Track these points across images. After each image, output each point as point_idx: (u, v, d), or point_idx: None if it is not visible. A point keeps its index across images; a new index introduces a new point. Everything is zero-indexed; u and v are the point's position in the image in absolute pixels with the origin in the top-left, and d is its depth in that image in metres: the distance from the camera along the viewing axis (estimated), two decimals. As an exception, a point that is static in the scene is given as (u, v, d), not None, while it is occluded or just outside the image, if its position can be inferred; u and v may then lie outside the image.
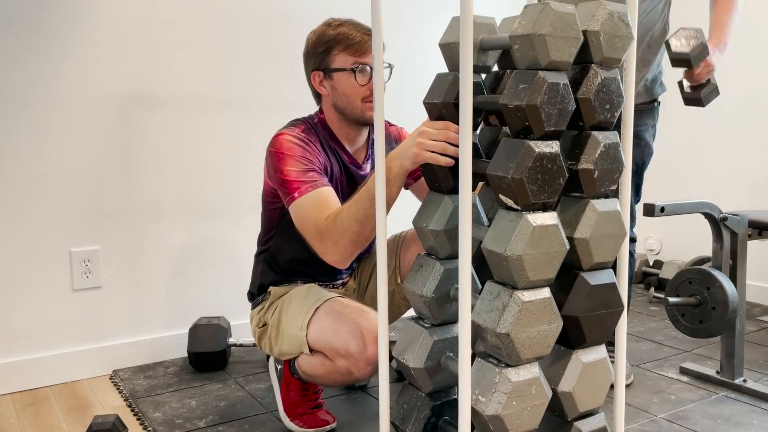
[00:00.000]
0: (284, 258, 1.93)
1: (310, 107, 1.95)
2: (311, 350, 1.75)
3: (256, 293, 2.00)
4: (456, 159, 1.34)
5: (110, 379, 2.34)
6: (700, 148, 3.40)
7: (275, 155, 1.72)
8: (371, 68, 1.72)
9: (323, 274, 1.95)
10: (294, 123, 1.83)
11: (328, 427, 1.89)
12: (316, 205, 1.61)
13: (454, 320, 1.42)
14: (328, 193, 1.66)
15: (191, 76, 2.48)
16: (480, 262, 1.40)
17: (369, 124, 1.81)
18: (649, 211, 1.98)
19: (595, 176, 1.26)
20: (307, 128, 1.80)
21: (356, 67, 1.73)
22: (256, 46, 2.59)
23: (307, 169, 1.68)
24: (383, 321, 1.40)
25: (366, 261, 2.07)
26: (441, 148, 1.35)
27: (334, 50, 1.75)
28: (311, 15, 2.64)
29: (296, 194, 1.65)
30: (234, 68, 2.56)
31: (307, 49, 1.83)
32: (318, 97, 1.86)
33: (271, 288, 1.94)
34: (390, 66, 1.79)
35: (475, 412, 1.21)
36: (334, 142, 1.85)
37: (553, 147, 1.19)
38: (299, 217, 1.65)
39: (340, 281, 2.00)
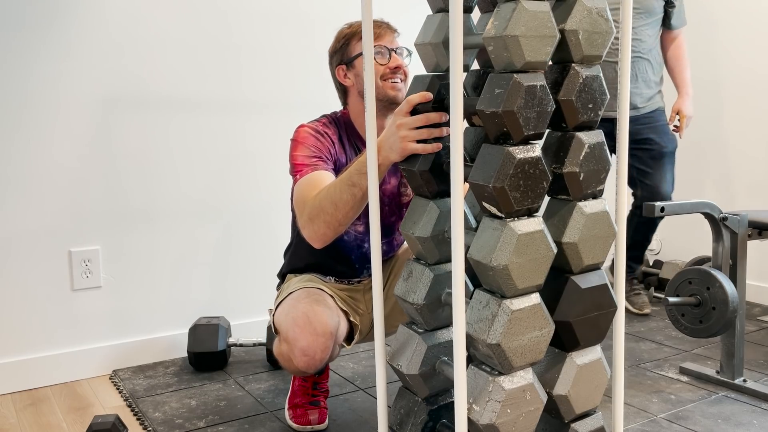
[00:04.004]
0: (305, 250, 1.96)
1: (309, 113, 1.98)
2: (277, 332, 1.83)
3: (282, 281, 2.06)
4: (444, 144, 1.37)
5: (110, 379, 2.35)
6: (700, 148, 3.38)
7: (291, 143, 1.83)
8: (389, 49, 1.81)
9: (341, 270, 1.98)
10: (319, 117, 1.93)
11: (311, 427, 1.92)
12: (309, 185, 1.69)
13: (446, 324, 1.41)
14: (324, 175, 1.73)
15: (192, 77, 2.47)
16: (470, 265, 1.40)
17: (393, 102, 1.85)
18: (649, 211, 1.98)
19: (581, 178, 1.25)
20: (328, 121, 1.90)
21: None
22: (260, 48, 2.59)
23: (313, 155, 1.78)
24: (379, 323, 1.40)
25: (385, 263, 2.07)
26: (426, 135, 1.37)
27: (352, 41, 1.86)
28: (325, 16, 2.67)
29: (298, 176, 1.74)
30: (235, 69, 2.55)
31: (330, 51, 1.93)
32: (344, 94, 1.94)
33: (288, 275, 2.03)
34: (409, 52, 1.88)
35: (470, 421, 1.20)
36: (354, 136, 1.92)
37: (534, 151, 1.17)
38: (295, 197, 1.73)
39: (357, 280, 2.01)
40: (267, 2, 2.59)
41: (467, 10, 1.35)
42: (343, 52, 1.88)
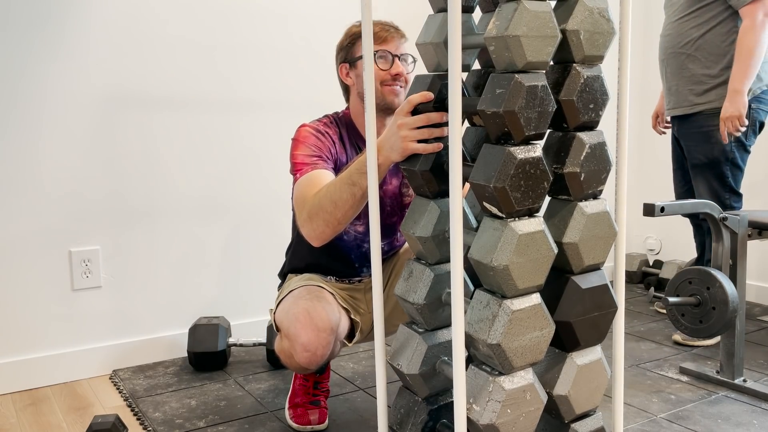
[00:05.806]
0: (305, 250, 1.97)
1: (310, 113, 1.97)
2: (278, 329, 1.83)
3: (283, 281, 2.07)
4: (445, 144, 1.37)
5: (110, 379, 2.35)
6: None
7: (292, 142, 1.84)
8: (393, 55, 1.81)
9: (341, 270, 1.98)
10: (321, 117, 1.94)
11: (311, 427, 1.92)
12: (309, 183, 1.69)
13: (447, 324, 1.41)
14: (324, 174, 1.73)
15: (192, 76, 2.47)
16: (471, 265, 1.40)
17: (391, 108, 1.85)
18: (649, 211, 1.98)
19: (582, 179, 1.25)
20: (329, 121, 1.91)
21: (376, 53, 1.80)
22: (262, 47, 2.59)
23: (314, 154, 1.78)
24: (379, 322, 1.40)
25: (386, 263, 2.07)
26: (427, 134, 1.37)
27: (358, 42, 1.85)
28: (326, 15, 2.67)
29: (298, 175, 1.74)
30: (236, 69, 2.55)
31: (337, 47, 1.93)
32: (346, 92, 1.95)
33: (289, 274, 2.04)
34: (414, 59, 1.88)
35: (470, 420, 1.20)
36: (355, 136, 1.92)
37: (535, 151, 1.17)
38: (295, 195, 1.73)
39: (358, 279, 2.01)
40: (268, 2, 2.59)
41: (468, 9, 1.35)
42: (348, 51, 1.89)
